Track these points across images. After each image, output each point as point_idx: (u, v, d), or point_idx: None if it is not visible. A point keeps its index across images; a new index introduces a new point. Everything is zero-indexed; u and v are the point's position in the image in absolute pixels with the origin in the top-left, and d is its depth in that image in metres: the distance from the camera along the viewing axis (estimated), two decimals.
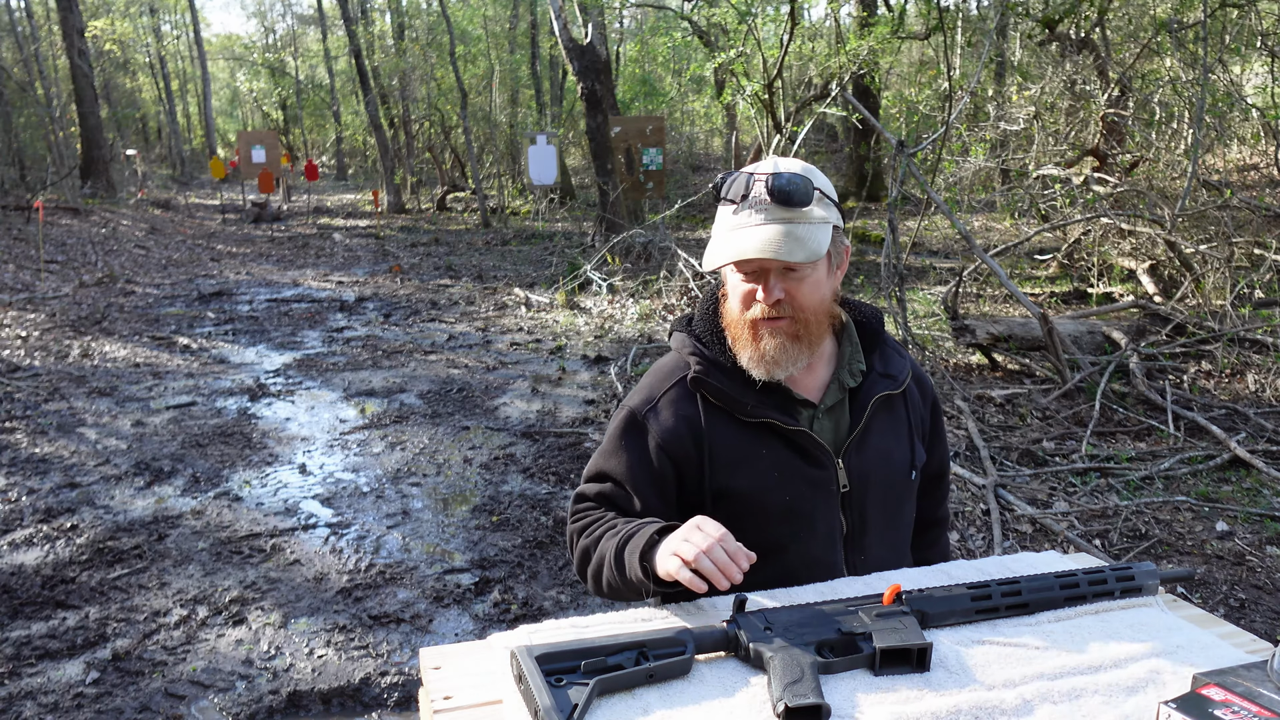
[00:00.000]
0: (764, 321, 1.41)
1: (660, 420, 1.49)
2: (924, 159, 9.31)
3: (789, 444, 1.46)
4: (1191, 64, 9.23)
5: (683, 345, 1.54)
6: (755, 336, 1.43)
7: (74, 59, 18.68)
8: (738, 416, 1.46)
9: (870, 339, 1.58)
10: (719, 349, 1.50)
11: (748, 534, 1.42)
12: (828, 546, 1.48)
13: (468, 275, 11.71)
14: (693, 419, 1.48)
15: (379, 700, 2.91)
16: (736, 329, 1.45)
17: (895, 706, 1.02)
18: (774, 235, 1.36)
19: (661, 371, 1.56)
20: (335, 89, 32.89)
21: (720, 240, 1.42)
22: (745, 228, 1.38)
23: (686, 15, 15.13)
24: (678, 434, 1.47)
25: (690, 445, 1.47)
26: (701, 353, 1.50)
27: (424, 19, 26.66)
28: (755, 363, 1.43)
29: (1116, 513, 4.04)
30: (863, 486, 1.49)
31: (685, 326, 1.58)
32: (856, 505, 1.49)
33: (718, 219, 1.45)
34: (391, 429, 5.55)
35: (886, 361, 1.57)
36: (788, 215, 1.38)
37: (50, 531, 4.06)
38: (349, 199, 25.04)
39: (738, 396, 1.46)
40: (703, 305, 1.58)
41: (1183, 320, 6.58)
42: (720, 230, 1.43)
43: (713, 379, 1.47)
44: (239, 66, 43.01)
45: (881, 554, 1.53)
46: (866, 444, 1.50)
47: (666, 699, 1.04)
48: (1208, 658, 1.13)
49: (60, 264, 11.48)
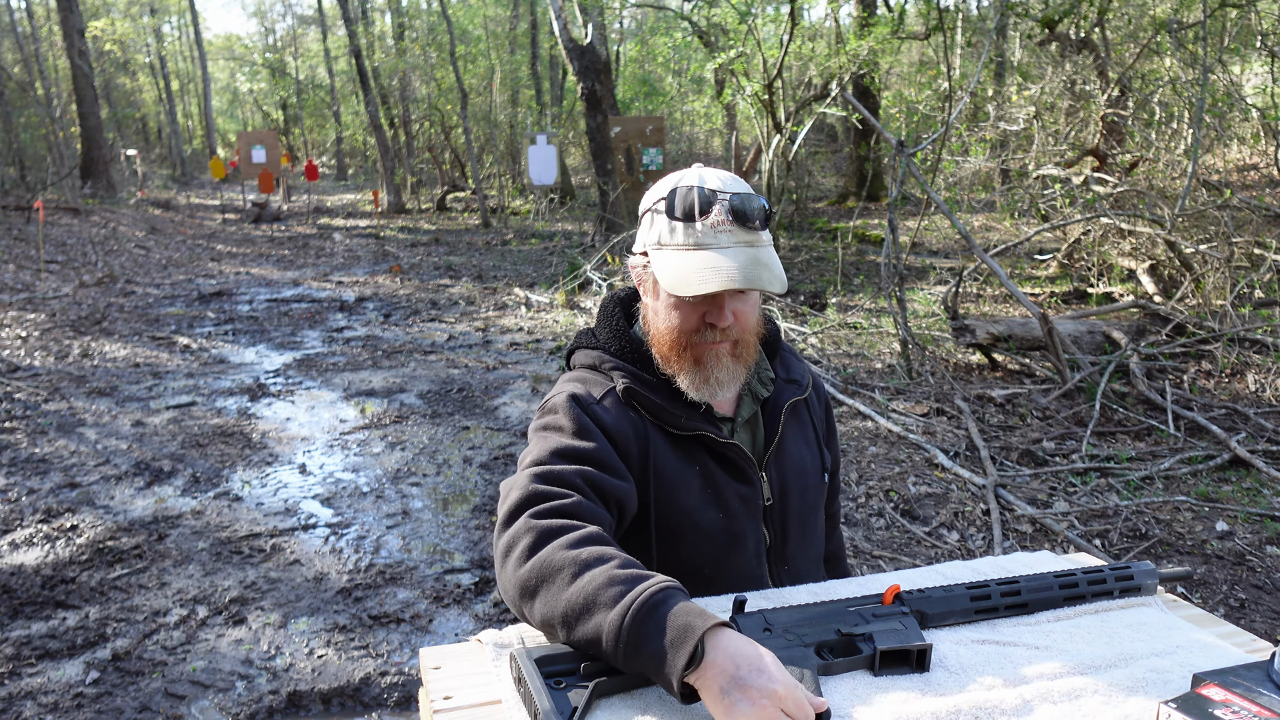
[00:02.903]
0: (709, 344, 1.35)
1: (610, 415, 1.36)
2: (924, 159, 9.31)
3: (718, 460, 1.41)
4: (1191, 64, 9.22)
5: (600, 361, 1.43)
6: (700, 359, 1.36)
7: (74, 59, 18.69)
8: (670, 430, 1.39)
9: (770, 346, 1.53)
10: (640, 364, 1.42)
11: (685, 552, 1.40)
12: (756, 561, 1.45)
13: (468, 275, 11.71)
14: (638, 426, 1.38)
15: (379, 700, 2.90)
16: (673, 350, 1.37)
17: (895, 707, 1.02)
18: (748, 262, 1.29)
19: (582, 380, 1.42)
20: (335, 89, 32.90)
21: (686, 262, 1.30)
22: (712, 249, 1.29)
23: (686, 15, 15.13)
24: (626, 436, 1.36)
25: (636, 453, 1.37)
26: (624, 367, 1.41)
27: (424, 19, 26.67)
28: (698, 385, 1.36)
29: (1116, 513, 4.04)
30: (783, 497, 1.47)
31: (593, 343, 1.48)
32: (778, 517, 1.47)
33: (663, 229, 1.34)
34: (391, 429, 5.55)
35: (788, 367, 1.54)
36: (749, 238, 1.31)
37: (50, 531, 4.06)
38: (349, 199, 25.05)
39: (669, 409, 1.39)
40: (609, 320, 1.49)
41: (1183, 320, 6.58)
42: (672, 245, 1.32)
43: (644, 391, 1.39)
44: (239, 67, 43.01)
45: (801, 564, 1.52)
46: (783, 453, 1.48)
47: (666, 701, 1.04)
48: (1208, 658, 1.13)
49: (60, 264, 11.48)
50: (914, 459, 4.77)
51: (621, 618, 1.02)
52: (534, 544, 1.14)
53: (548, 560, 1.11)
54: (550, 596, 1.09)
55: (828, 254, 11.49)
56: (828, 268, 10.68)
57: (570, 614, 1.06)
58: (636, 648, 1.00)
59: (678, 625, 1.00)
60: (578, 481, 1.25)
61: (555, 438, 1.32)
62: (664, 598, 1.03)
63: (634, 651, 1.00)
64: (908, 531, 3.98)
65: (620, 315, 1.49)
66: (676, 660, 0.97)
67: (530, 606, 1.12)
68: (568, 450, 1.29)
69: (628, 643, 1.01)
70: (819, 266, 10.93)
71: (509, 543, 1.17)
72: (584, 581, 1.07)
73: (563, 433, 1.32)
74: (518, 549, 1.15)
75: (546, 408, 1.39)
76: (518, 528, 1.17)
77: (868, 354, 6.89)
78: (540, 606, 1.11)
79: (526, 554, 1.14)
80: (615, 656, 1.02)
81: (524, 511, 1.19)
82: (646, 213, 1.40)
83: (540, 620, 1.12)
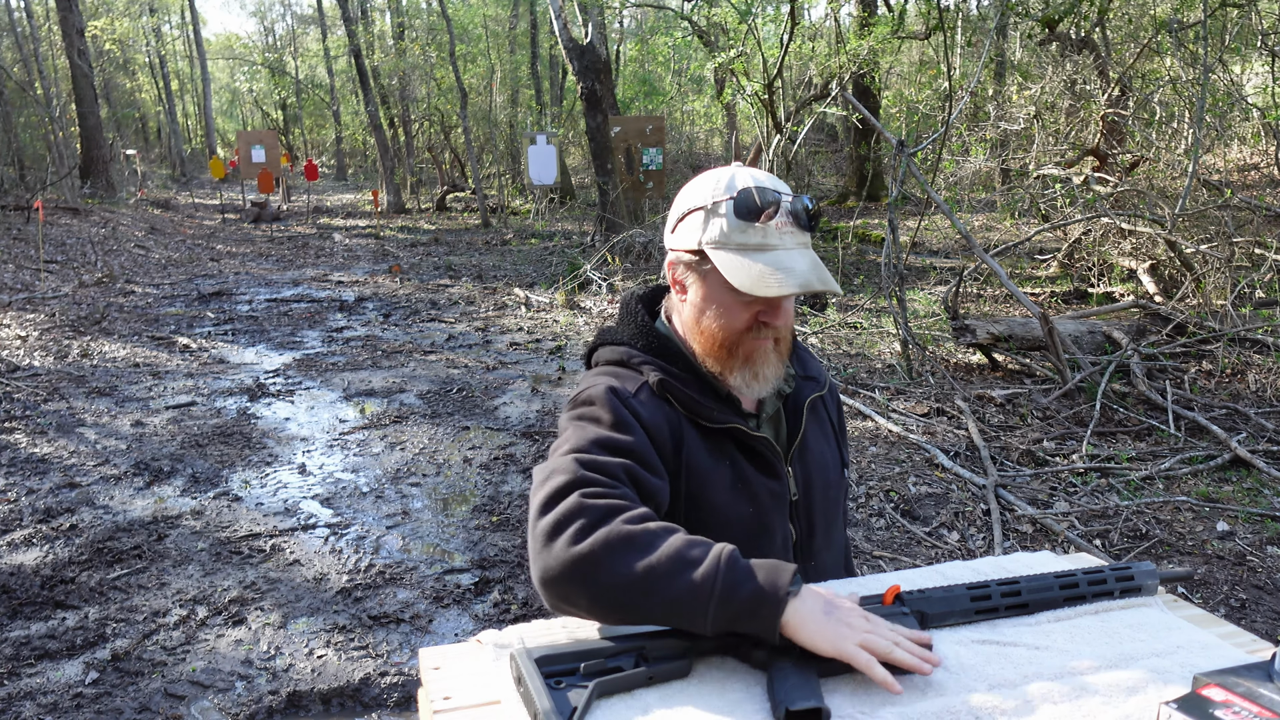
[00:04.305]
0: (761, 341, 1.38)
1: (645, 409, 1.36)
2: (924, 159, 9.32)
3: (747, 453, 1.43)
4: (1191, 64, 9.23)
5: (629, 356, 1.44)
6: (751, 357, 1.38)
7: (74, 59, 18.69)
8: (702, 424, 1.40)
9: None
10: (668, 359, 1.43)
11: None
12: (783, 557, 1.46)
13: (467, 275, 11.71)
14: (672, 420, 1.38)
15: (379, 700, 2.90)
16: (723, 348, 1.38)
17: (895, 707, 1.02)
18: (812, 265, 1.32)
19: (612, 376, 1.42)
20: (335, 89, 32.92)
21: (750, 259, 1.31)
22: (778, 250, 1.32)
23: (686, 15, 15.12)
24: (661, 430, 1.36)
25: (670, 445, 1.37)
26: (654, 361, 1.42)
27: (424, 19, 26.68)
28: (748, 381, 1.38)
29: (1117, 513, 4.04)
30: (808, 493, 1.49)
31: (618, 339, 1.48)
32: (804, 512, 1.49)
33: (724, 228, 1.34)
34: (391, 429, 5.55)
35: (804, 365, 1.57)
36: (805, 240, 1.35)
37: (50, 532, 4.05)
38: (349, 199, 25.05)
39: (702, 402, 1.40)
40: (632, 317, 1.49)
41: (1183, 320, 6.58)
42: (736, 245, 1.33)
43: (677, 384, 1.40)
44: (238, 66, 43.03)
45: (827, 559, 1.54)
46: (806, 449, 1.50)
47: (666, 701, 1.04)
48: (1208, 658, 1.12)
49: (60, 264, 11.48)
50: (914, 459, 4.77)
51: (715, 566, 1.06)
52: (594, 521, 1.11)
53: (614, 532, 1.10)
54: (621, 566, 1.07)
55: (828, 254, 11.49)
56: (828, 268, 10.67)
57: (650, 578, 1.06)
58: (732, 590, 1.05)
59: (767, 567, 1.07)
60: (622, 475, 1.23)
61: (594, 429, 1.29)
62: (740, 555, 1.09)
63: (729, 596, 1.04)
64: (908, 532, 3.98)
65: (643, 312, 1.51)
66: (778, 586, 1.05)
67: (590, 582, 1.08)
68: (609, 442, 1.26)
69: (723, 589, 1.04)
70: None
71: (558, 521, 1.12)
72: (663, 547, 1.08)
73: (601, 424, 1.30)
74: (573, 526, 1.11)
75: (581, 399, 1.37)
76: (569, 506, 1.13)
77: (868, 354, 6.89)
78: (606, 578, 1.07)
79: (585, 531, 1.10)
80: (707, 607, 1.05)
81: (573, 492, 1.15)
82: (696, 210, 1.38)
83: (604, 593, 1.08)
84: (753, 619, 1.04)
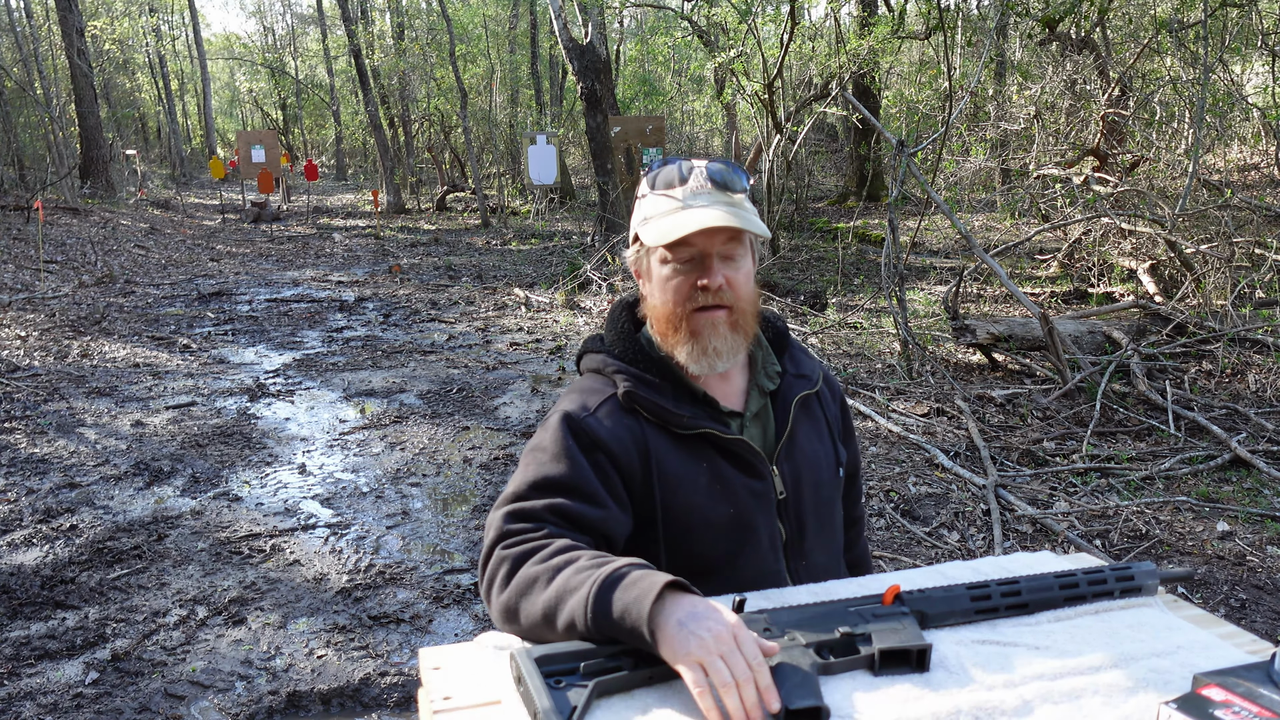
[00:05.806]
0: (704, 311, 1.38)
1: (605, 428, 1.38)
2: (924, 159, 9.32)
3: (726, 455, 1.43)
4: (1191, 64, 9.23)
5: (604, 365, 1.47)
6: (696, 328, 1.38)
7: (73, 59, 18.69)
8: (673, 430, 1.40)
9: (778, 342, 1.57)
10: (643, 365, 1.45)
11: (696, 549, 1.42)
12: (772, 556, 1.46)
13: (467, 275, 11.71)
14: (636, 432, 1.39)
15: (379, 701, 2.90)
16: (670, 324, 1.40)
17: (895, 707, 1.02)
18: (727, 212, 1.34)
19: (584, 389, 1.46)
20: (335, 89, 32.89)
21: (663, 221, 1.36)
22: (690, 209, 1.35)
23: (686, 15, 15.12)
24: (624, 445, 1.38)
25: (636, 459, 1.38)
26: (627, 370, 1.44)
27: (424, 19, 26.68)
28: (696, 356, 1.39)
29: (1117, 513, 4.04)
30: (796, 491, 1.48)
31: (599, 347, 1.51)
32: (793, 511, 1.48)
33: (648, 206, 1.41)
34: (391, 429, 5.55)
35: (797, 363, 1.56)
36: (728, 199, 1.37)
37: (50, 532, 4.05)
38: (349, 199, 25.05)
39: (673, 409, 1.41)
40: (615, 324, 1.52)
41: (1183, 320, 6.58)
42: (657, 214, 1.38)
43: (645, 393, 1.41)
44: (239, 66, 43.03)
45: (820, 559, 1.52)
46: (795, 447, 1.49)
47: (666, 701, 1.04)
48: (1208, 658, 1.12)
49: (60, 264, 11.48)
50: (914, 459, 4.77)
51: (588, 591, 1.08)
52: (510, 570, 1.22)
53: (523, 576, 1.19)
54: (531, 606, 1.16)
55: (828, 254, 11.49)
56: (828, 268, 10.68)
57: (549, 612, 1.13)
58: (605, 612, 1.06)
59: (641, 584, 1.06)
60: (547, 516, 1.30)
61: (533, 468, 1.36)
62: (626, 571, 1.09)
63: (603, 617, 1.06)
64: (908, 531, 3.98)
65: (627, 319, 1.52)
66: (643, 604, 1.03)
67: (518, 622, 1.19)
68: (543, 482, 1.33)
69: (594, 612, 1.06)
70: (819, 266, 10.93)
71: (489, 578, 1.25)
72: (557, 581, 1.15)
73: (543, 457, 1.36)
74: (497, 579, 1.23)
75: (543, 424, 1.43)
76: (493, 563, 1.25)
77: (868, 354, 6.88)
78: (525, 619, 1.17)
79: (505, 581, 1.22)
80: (589, 629, 1.07)
81: (497, 546, 1.27)
82: (635, 203, 1.46)
83: (528, 631, 1.18)
84: (631, 637, 1.05)
